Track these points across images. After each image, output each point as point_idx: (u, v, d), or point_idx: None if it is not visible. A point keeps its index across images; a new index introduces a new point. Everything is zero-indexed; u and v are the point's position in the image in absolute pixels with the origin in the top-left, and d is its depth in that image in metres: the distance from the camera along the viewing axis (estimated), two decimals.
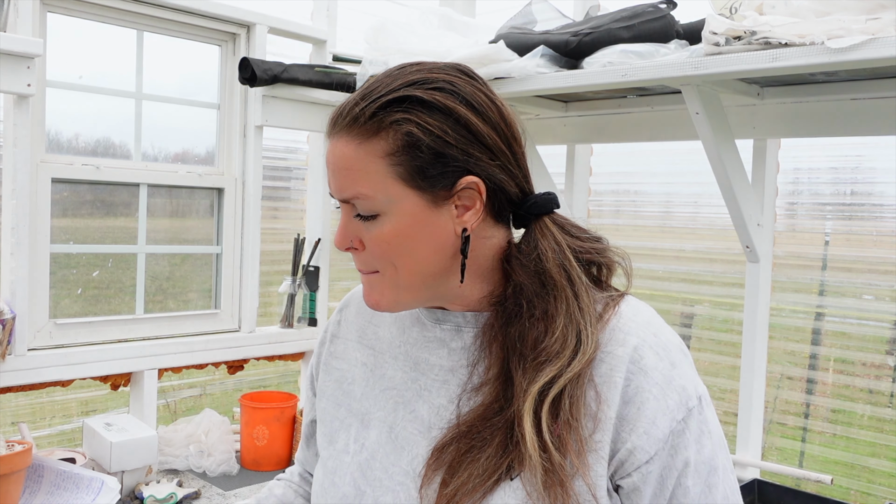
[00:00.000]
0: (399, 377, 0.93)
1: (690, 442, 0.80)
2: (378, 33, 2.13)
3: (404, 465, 0.87)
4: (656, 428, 0.79)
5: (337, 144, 0.84)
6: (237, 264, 2.26)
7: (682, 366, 0.83)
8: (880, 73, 1.62)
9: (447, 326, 0.92)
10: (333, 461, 0.94)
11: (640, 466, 0.79)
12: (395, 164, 0.81)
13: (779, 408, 2.08)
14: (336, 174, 0.84)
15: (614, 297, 0.88)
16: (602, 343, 0.82)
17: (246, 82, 2.10)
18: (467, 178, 0.83)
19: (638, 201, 2.43)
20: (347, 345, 1.02)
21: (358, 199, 0.83)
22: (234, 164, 2.25)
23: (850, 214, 1.98)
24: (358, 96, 0.84)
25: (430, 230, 0.84)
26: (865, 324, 1.94)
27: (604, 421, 0.79)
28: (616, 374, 0.80)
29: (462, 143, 0.83)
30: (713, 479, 0.81)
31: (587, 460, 0.78)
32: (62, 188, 1.97)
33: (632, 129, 2.15)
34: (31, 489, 1.67)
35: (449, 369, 0.90)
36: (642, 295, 2.37)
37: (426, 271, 0.85)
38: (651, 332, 0.84)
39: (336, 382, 1.00)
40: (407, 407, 0.91)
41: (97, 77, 2.02)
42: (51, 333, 1.92)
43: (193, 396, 2.43)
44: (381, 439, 0.90)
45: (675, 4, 1.80)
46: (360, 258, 0.87)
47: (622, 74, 1.65)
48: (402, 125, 0.81)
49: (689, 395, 0.81)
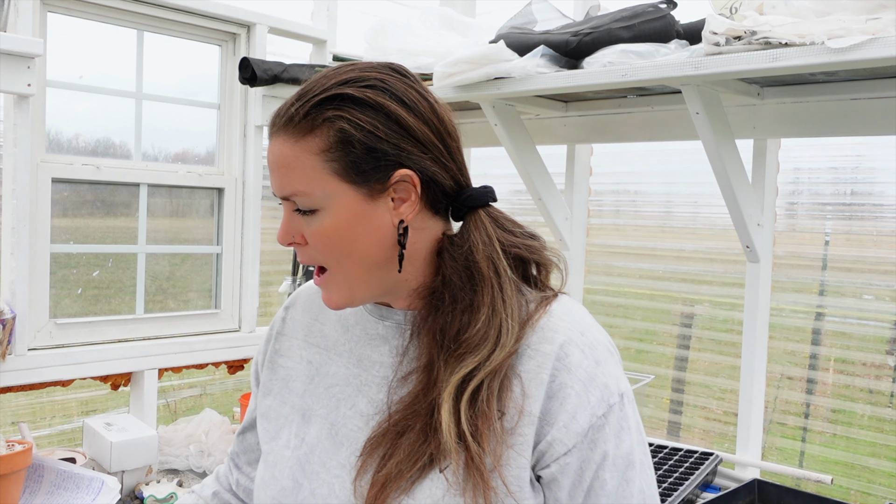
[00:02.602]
0: (342, 374, 0.96)
1: (610, 437, 0.83)
2: (378, 33, 2.13)
3: (342, 459, 0.90)
4: (576, 422, 0.82)
5: (275, 143, 0.87)
6: (237, 264, 2.26)
7: (606, 364, 0.86)
8: (880, 73, 1.62)
9: (389, 324, 0.95)
10: (274, 456, 0.96)
11: (559, 458, 0.82)
12: (329, 160, 0.85)
13: (779, 408, 2.08)
14: (275, 172, 0.87)
15: (548, 296, 0.90)
16: (532, 341, 0.85)
17: (246, 82, 2.10)
18: (401, 171, 0.86)
19: (638, 201, 2.43)
20: (293, 343, 1.04)
21: (297, 195, 0.86)
22: (235, 164, 2.25)
23: (850, 214, 1.98)
24: (294, 97, 0.88)
25: (368, 223, 0.87)
26: (865, 324, 1.95)
27: (529, 415, 0.82)
28: (543, 371, 0.83)
29: (394, 137, 0.86)
30: (630, 474, 0.85)
31: (504, 452, 0.82)
32: (62, 188, 1.97)
33: (632, 129, 2.15)
34: (32, 489, 1.67)
35: (389, 366, 0.92)
36: (642, 295, 2.38)
37: (368, 263, 0.88)
38: (578, 330, 0.87)
39: (282, 381, 1.02)
40: (348, 402, 0.93)
41: (97, 77, 2.02)
42: (51, 333, 1.92)
43: (193, 396, 2.43)
44: (322, 435, 0.93)
45: (675, 4, 1.80)
46: (304, 252, 0.90)
47: (622, 74, 1.65)
48: (335, 122, 0.84)
49: (610, 392, 0.84)
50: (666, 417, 2.30)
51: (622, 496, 0.84)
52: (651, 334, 2.37)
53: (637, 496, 0.85)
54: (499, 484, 0.81)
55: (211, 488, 1.17)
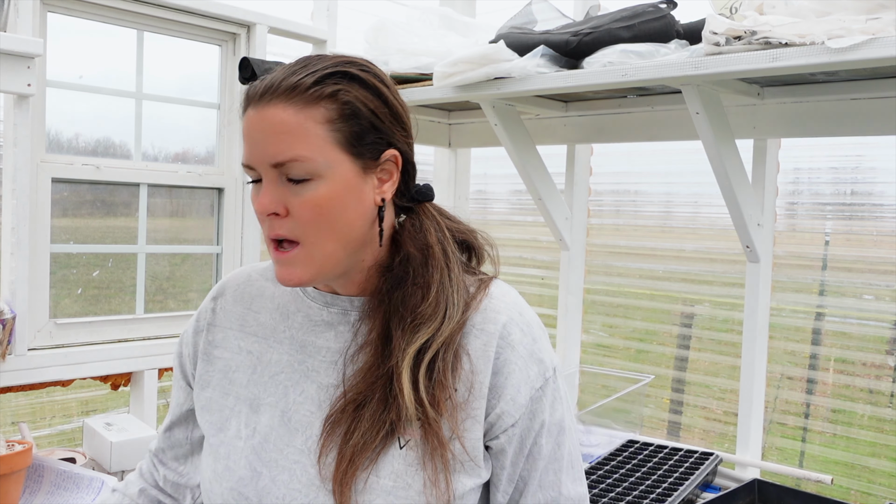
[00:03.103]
0: (286, 360, 0.98)
1: (546, 406, 0.93)
2: (378, 33, 2.12)
3: (299, 445, 0.92)
4: (520, 395, 0.91)
5: (271, 110, 0.88)
6: (237, 264, 2.26)
7: (541, 341, 0.95)
8: (880, 73, 1.62)
9: (334, 310, 0.97)
10: (226, 447, 0.97)
11: (507, 429, 0.90)
12: (334, 130, 0.88)
13: (779, 408, 2.08)
14: (271, 138, 0.87)
15: (484, 280, 0.98)
16: (476, 321, 0.92)
17: (246, 82, 2.09)
18: (390, 150, 0.92)
19: (638, 201, 2.43)
20: (227, 333, 1.04)
21: (295, 161, 0.86)
22: (235, 164, 2.25)
23: (850, 214, 1.98)
24: (288, 71, 0.90)
25: (357, 197, 0.90)
26: (865, 324, 1.95)
27: (478, 389, 0.89)
28: (489, 348, 0.91)
29: (388, 118, 0.92)
30: (562, 438, 0.95)
31: (462, 422, 0.88)
32: (62, 188, 1.97)
33: (632, 129, 2.15)
34: (31, 489, 1.67)
35: (337, 350, 0.95)
36: (642, 294, 2.38)
37: (347, 238, 0.90)
38: (517, 311, 0.95)
39: (221, 372, 1.02)
40: (296, 388, 0.95)
41: (97, 77, 2.02)
42: (51, 333, 1.92)
43: None
44: (274, 423, 0.94)
45: (675, 4, 1.80)
46: (281, 224, 0.89)
47: (622, 74, 1.65)
48: (341, 95, 0.88)
49: (546, 367, 0.94)
50: (666, 417, 2.30)
51: (555, 458, 0.94)
52: (651, 334, 2.37)
53: (567, 457, 0.96)
54: (458, 450, 0.88)
55: (136, 485, 1.17)
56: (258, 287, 1.06)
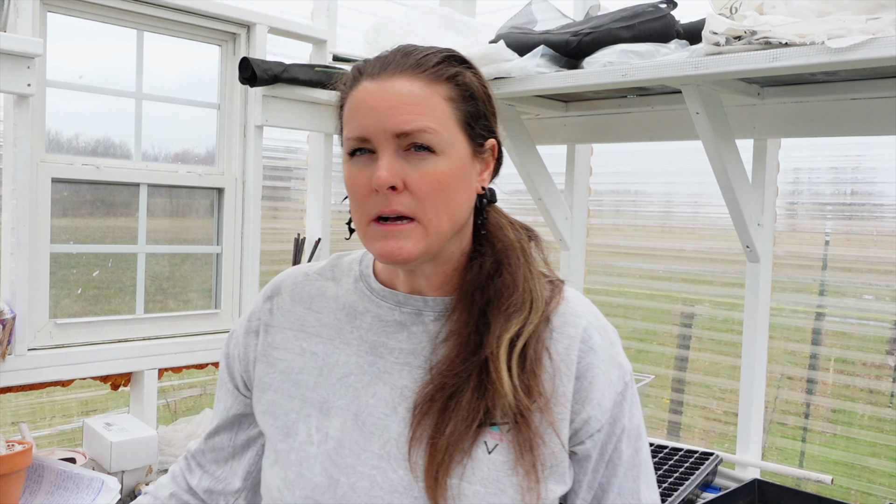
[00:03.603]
0: (354, 362, 0.95)
1: (626, 411, 0.92)
2: (378, 33, 2.13)
3: (376, 450, 0.89)
4: (605, 399, 0.90)
5: (398, 82, 0.87)
6: (237, 264, 2.26)
7: (617, 345, 0.96)
8: (880, 73, 1.62)
9: (407, 310, 0.95)
10: (297, 453, 0.93)
11: (593, 434, 0.90)
12: (455, 108, 0.89)
13: (779, 408, 2.08)
14: (396, 108, 0.85)
15: (555, 283, 0.97)
16: (557, 325, 0.92)
17: (246, 82, 2.10)
18: (492, 140, 0.94)
19: (638, 201, 2.43)
20: (287, 334, 1.00)
21: (423, 132, 0.85)
22: (235, 164, 2.25)
23: (850, 214, 1.98)
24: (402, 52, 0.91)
25: (467, 179, 0.91)
26: (865, 324, 1.95)
27: (562, 395, 0.88)
28: (571, 353, 0.90)
29: (492, 108, 0.94)
30: (639, 444, 0.95)
31: (553, 412, 0.87)
32: (62, 188, 1.97)
33: (632, 129, 2.15)
34: (31, 489, 1.67)
35: (410, 352, 0.93)
36: (642, 294, 2.38)
37: (457, 220, 0.90)
38: (594, 315, 0.96)
39: (282, 374, 0.98)
40: (368, 390, 0.93)
41: (97, 77, 2.02)
42: (51, 333, 1.92)
43: (193, 396, 2.43)
44: (347, 427, 0.91)
45: (675, 4, 1.80)
46: (399, 199, 0.86)
47: (622, 74, 1.65)
48: (460, 78, 0.90)
49: (625, 371, 0.94)
50: (666, 417, 2.30)
51: (634, 464, 0.93)
52: (651, 334, 2.37)
53: (644, 463, 0.95)
54: (554, 443, 0.87)
55: (167, 489, 1.12)
56: (318, 286, 1.03)
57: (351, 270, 1.02)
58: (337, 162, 2.52)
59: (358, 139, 0.87)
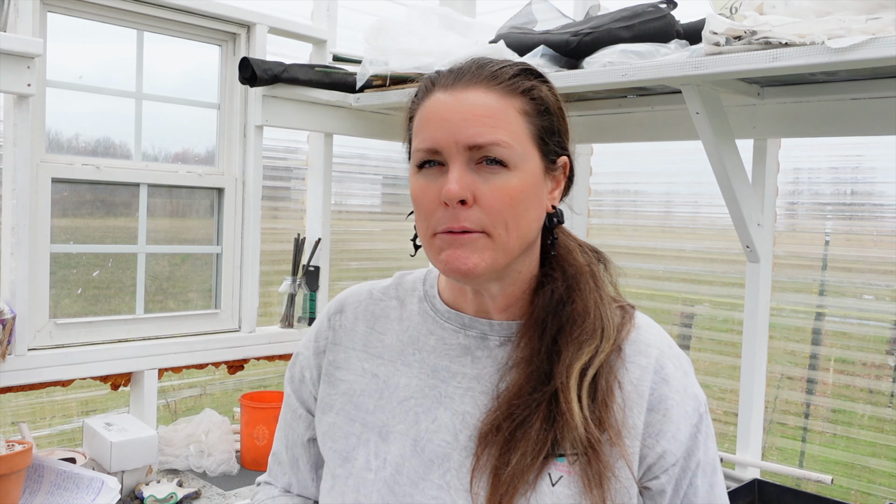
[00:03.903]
0: (415, 385, 0.91)
1: (700, 444, 0.87)
2: (378, 33, 2.13)
3: (436, 479, 0.85)
4: (681, 433, 0.85)
5: (472, 94, 0.84)
6: (237, 264, 2.26)
7: (691, 374, 0.90)
8: (880, 73, 1.62)
9: (472, 333, 0.92)
10: (355, 480, 0.90)
11: (668, 468, 0.85)
12: (529, 123, 0.86)
13: (779, 408, 2.08)
14: (469, 120, 0.83)
15: (625, 309, 0.93)
16: (627, 353, 0.87)
17: (246, 82, 2.10)
18: (564, 157, 0.92)
19: (638, 201, 2.43)
20: (349, 354, 0.98)
21: (497, 145, 0.82)
22: (234, 164, 2.25)
23: (850, 214, 1.98)
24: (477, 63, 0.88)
25: (538, 197, 0.88)
26: (865, 324, 1.94)
27: (632, 427, 0.84)
28: (643, 383, 0.86)
29: (564, 125, 0.92)
30: (715, 479, 0.89)
31: (625, 445, 0.83)
32: (62, 188, 1.97)
33: (632, 129, 2.15)
34: (31, 489, 1.67)
35: (473, 377, 0.89)
36: (642, 294, 2.37)
37: (527, 238, 0.87)
38: (666, 343, 0.91)
39: (344, 395, 0.96)
40: (428, 416, 0.89)
41: (97, 77, 2.02)
42: (51, 333, 1.92)
43: (193, 396, 2.43)
44: (406, 453, 0.88)
45: (675, 4, 1.80)
46: (468, 214, 0.82)
47: (622, 74, 1.65)
48: (535, 92, 0.87)
49: (699, 402, 0.89)
50: None
51: (709, 500, 0.88)
52: None
53: (720, 499, 0.89)
54: (625, 477, 0.82)
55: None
56: (382, 307, 0.99)
57: (415, 290, 0.99)
58: (337, 162, 2.52)
59: (428, 150, 0.84)
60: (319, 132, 2.38)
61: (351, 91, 2.25)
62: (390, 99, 2.13)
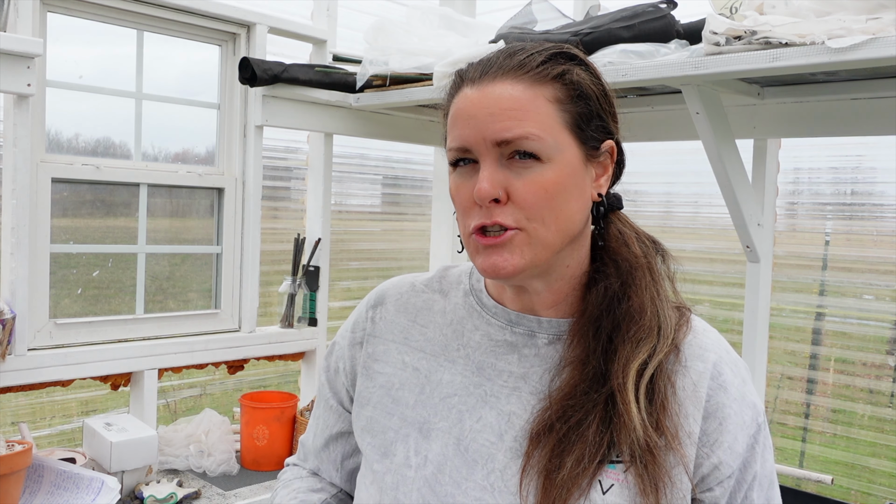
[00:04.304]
0: (458, 382, 0.89)
1: (758, 456, 0.83)
2: (378, 33, 2.13)
3: (479, 480, 0.83)
4: (738, 443, 0.81)
5: (498, 87, 0.81)
6: (237, 264, 2.26)
7: (749, 382, 0.86)
8: (880, 73, 1.62)
9: (519, 330, 0.89)
10: (393, 476, 0.87)
11: (723, 480, 0.81)
12: (563, 110, 0.82)
13: (779, 408, 2.08)
14: (496, 115, 0.80)
15: (682, 310, 0.89)
16: (683, 358, 0.84)
17: (246, 82, 2.10)
18: (609, 142, 0.86)
19: (638, 201, 2.43)
20: (389, 346, 0.95)
21: (526, 139, 0.79)
22: (235, 164, 2.25)
23: (850, 214, 1.98)
24: (506, 53, 0.84)
25: (579, 187, 0.83)
26: (865, 324, 1.95)
27: (687, 434, 0.80)
28: (699, 389, 0.82)
29: (608, 107, 0.87)
30: (772, 493, 0.85)
31: (683, 448, 0.79)
32: (62, 188, 1.97)
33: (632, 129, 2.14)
34: (31, 489, 1.67)
35: (520, 376, 0.86)
36: None
37: (568, 231, 0.82)
38: (724, 348, 0.87)
39: (383, 389, 0.93)
40: (472, 415, 0.86)
41: (97, 77, 2.02)
42: (51, 333, 1.92)
43: (193, 396, 2.43)
44: (448, 452, 0.85)
45: (675, 4, 1.80)
46: (502, 211, 0.80)
47: (622, 74, 1.65)
48: (569, 76, 0.83)
49: (758, 411, 0.85)
50: None
51: None
52: None
53: None
54: (682, 481, 0.78)
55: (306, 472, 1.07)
56: (424, 299, 0.97)
57: (460, 283, 0.97)
58: (336, 162, 2.52)
59: (459, 149, 0.82)
60: (319, 132, 2.38)
61: (351, 91, 2.25)
62: (390, 99, 2.13)
